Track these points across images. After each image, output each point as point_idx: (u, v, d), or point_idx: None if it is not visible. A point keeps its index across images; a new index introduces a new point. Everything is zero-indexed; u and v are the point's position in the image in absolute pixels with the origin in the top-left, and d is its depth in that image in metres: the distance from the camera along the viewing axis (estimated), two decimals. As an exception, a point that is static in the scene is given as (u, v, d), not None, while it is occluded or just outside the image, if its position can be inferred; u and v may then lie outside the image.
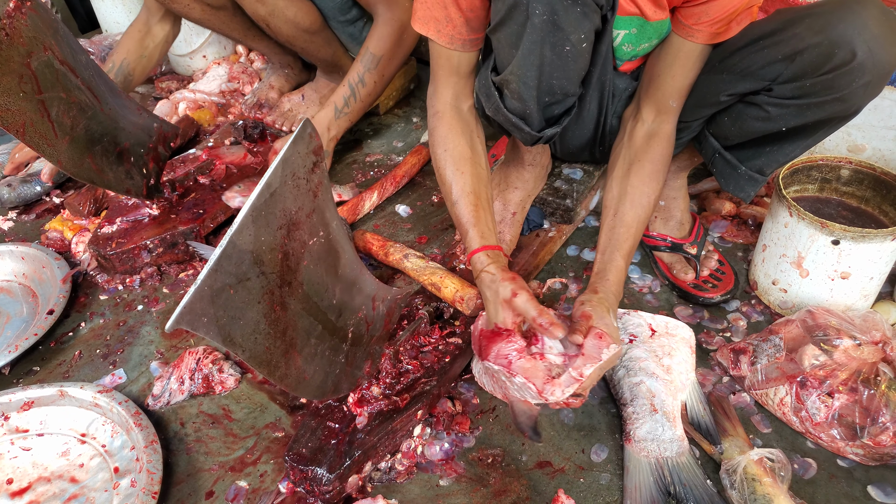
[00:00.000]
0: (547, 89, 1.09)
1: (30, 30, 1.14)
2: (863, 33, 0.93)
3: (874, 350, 1.08)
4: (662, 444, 1.03)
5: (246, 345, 0.79)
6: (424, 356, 1.15)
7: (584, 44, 1.04)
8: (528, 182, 1.44)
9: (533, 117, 1.14)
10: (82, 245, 1.54)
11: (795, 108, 1.04)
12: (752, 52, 1.05)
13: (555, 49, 1.02)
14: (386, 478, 1.06)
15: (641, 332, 1.16)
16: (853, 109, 1.04)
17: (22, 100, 1.13)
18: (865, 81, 0.97)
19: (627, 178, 1.17)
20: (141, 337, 1.35)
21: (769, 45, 1.02)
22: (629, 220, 1.14)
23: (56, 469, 1.09)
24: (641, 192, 1.15)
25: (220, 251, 0.72)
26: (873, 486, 1.02)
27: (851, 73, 0.96)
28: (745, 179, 1.20)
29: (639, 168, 1.16)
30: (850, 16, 0.94)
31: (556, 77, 1.07)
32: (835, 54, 0.95)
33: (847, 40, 0.94)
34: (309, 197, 0.84)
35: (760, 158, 1.17)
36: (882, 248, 1.17)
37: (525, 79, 1.06)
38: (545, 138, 1.19)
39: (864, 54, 0.94)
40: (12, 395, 1.15)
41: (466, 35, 1.12)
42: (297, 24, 1.66)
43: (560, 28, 0.99)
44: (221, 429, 1.16)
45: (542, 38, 1.00)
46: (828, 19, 0.96)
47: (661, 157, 1.17)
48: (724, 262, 1.41)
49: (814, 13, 0.98)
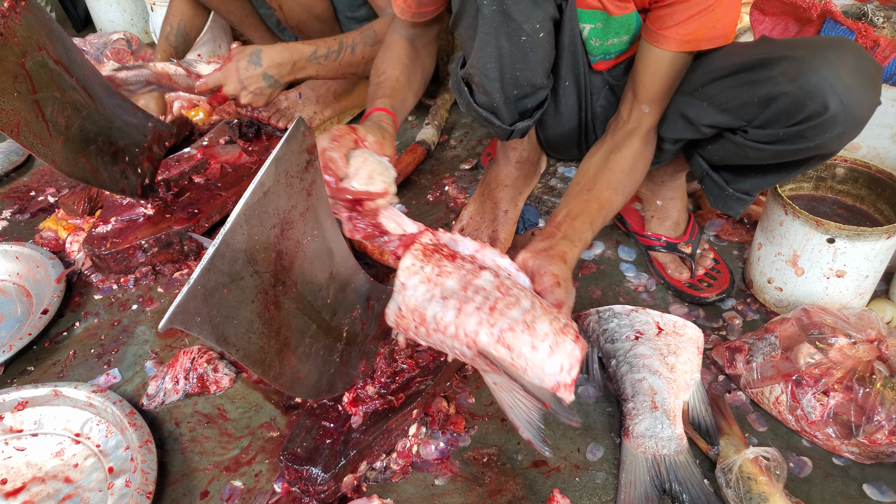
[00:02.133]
0: (511, 81, 1.10)
1: (24, 29, 1.13)
2: (836, 85, 0.91)
3: (869, 348, 1.08)
4: (661, 442, 1.03)
5: (240, 344, 0.79)
6: (419, 355, 1.15)
7: (540, 33, 1.04)
8: (517, 180, 1.43)
9: (501, 111, 1.15)
10: (77, 244, 1.54)
11: (772, 152, 1.03)
12: (730, 87, 1.03)
13: (511, 39, 1.03)
14: (381, 477, 1.06)
15: (648, 330, 1.16)
16: (829, 153, 1.03)
17: (16, 99, 1.12)
18: (838, 132, 0.95)
19: (606, 164, 1.11)
20: (135, 336, 1.35)
21: (746, 83, 1.00)
22: (606, 198, 1.06)
23: (50, 469, 1.09)
24: (619, 181, 1.09)
25: (212, 250, 0.71)
26: (868, 485, 1.02)
27: (824, 125, 0.94)
28: (732, 199, 1.19)
29: (618, 158, 1.11)
30: (824, 66, 0.92)
31: (519, 69, 1.08)
32: (807, 105, 0.93)
33: (819, 92, 0.92)
34: (302, 196, 0.84)
35: (746, 183, 1.16)
36: (877, 246, 1.17)
37: (486, 71, 1.08)
38: (517, 132, 1.20)
39: (836, 107, 0.92)
40: (6, 394, 1.15)
41: (416, 7, 1.14)
42: (309, 9, 1.65)
43: (512, 18, 1.00)
44: (216, 428, 1.16)
45: (496, 29, 1.02)
46: (801, 67, 0.93)
47: (641, 154, 1.14)
48: (720, 261, 1.41)
49: (791, 56, 0.95)
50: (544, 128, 1.35)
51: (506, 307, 0.80)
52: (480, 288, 0.82)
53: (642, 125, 1.14)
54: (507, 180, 1.45)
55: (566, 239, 0.97)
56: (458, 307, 0.80)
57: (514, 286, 0.84)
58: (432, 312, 0.82)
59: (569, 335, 0.80)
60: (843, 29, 1.42)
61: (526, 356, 0.78)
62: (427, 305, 0.82)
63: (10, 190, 1.84)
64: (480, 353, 0.81)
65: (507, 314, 0.79)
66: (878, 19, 1.53)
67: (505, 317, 0.79)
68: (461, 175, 1.80)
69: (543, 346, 0.78)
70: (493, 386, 0.87)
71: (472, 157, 1.86)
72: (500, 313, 0.80)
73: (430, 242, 0.89)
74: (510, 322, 0.79)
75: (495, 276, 0.84)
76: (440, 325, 0.82)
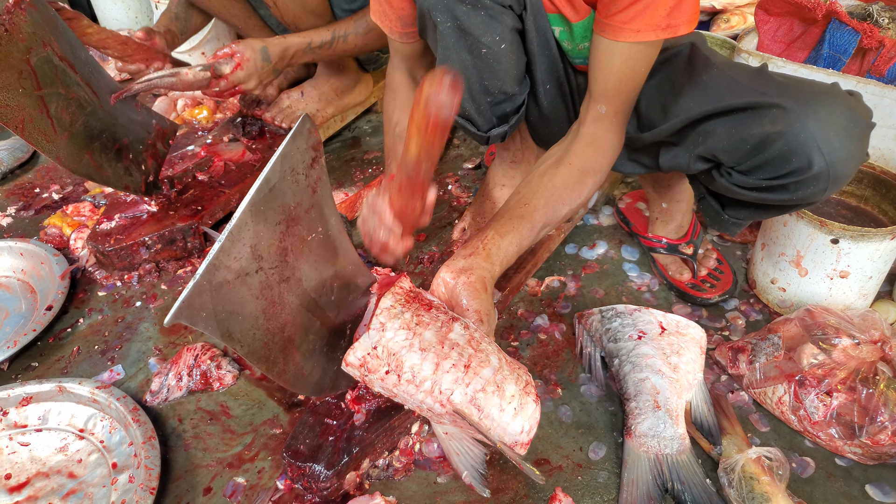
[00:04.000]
0: (481, 90, 1.11)
1: (29, 26, 1.14)
2: (822, 145, 0.90)
3: (873, 349, 1.08)
4: (663, 441, 1.03)
5: (244, 340, 0.79)
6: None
7: (502, 45, 1.04)
8: (514, 179, 1.44)
9: (475, 118, 1.16)
10: (81, 241, 1.54)
11: (755, 198, 1.03)
12: (722, 127, 1.00)
13: (472, 52, 1.04)
14: (384, 475, 1.06)
15: (651, 330, 1.16)
16: (812, 203, 1.02)
17: (21, 96, 1.13)
18: (822, 188, 0.94)
19: (553, 175, 1.07)
20: (139, 333, 1.35)
21: (736, 125, 0.97)
22: (537, 220, 1.04)
23: (54, 464, 1.09)
24: (559, 198, 1.05)
25: (218, 245, 0.71)
26: (871, 486, 1.02)
27: (806, 181, 0.94)
28: (728, 223, 1.18)
29: (565, 171, 1.07)
30: (813, 122, 0.90)
31: (487, 78, 1.09)
32: (792, 161, 0.93)
33: (806, 150, 0.91)
34: (308, 192, 0.84)
35: (739, 212, 1.14)
36: (881, 247, 1.17)
37: None
38: (493, 138, 1.21)
39: (820, 166, 0.91)
40: (11, 390, 1.15)
41: (401, 28, 1.15)
42: (304, 5, 1.65)
43: (468, 32, 1.01)
44: (219, 425, 1.16)
45: (455, 44, 1.03)
46: (791, 120, 0.91)
47: (593, 168, 1.08)
48: (723, 261, 1.41)
49: (780, 105, 0.93)
50: (534, 129, 1.34)
51: (478, 365, 0.85)
52: (455, 343, 0.86)
53: (598, 130, 1.09)
54: (504, 180, 1.45)
55: (488, 259, 0.99)
56: (437, 362, 0.85)
57: (482, 339, 0.89)
58: (410, 363, 0.85)
59: (530, 395, 0.86)
60: (848, 30, 1.42)
61: (493, 417, 0.85)
62: (406, 354, 0.85)
63: (15, 186, 1.85)
64: (451, 412, 0.85)
65: (479, 373, 0.85)
66: (884, 20, 1.53)
67: (478, 376, 0.85)
68: (464, 174, 1.80)
69: (509, 409, 0.85)
70: (444, 435, 0.91)
71: (476, 157, 1.86)
72: (474, 372, 0.85)
73: (409, 288, 0.93)
74: (483, 383, 0.84)
75: (465, 329, 0.89)
76: (416, 378, 0.85)
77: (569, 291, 1.40)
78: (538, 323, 1.32)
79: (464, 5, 1.00)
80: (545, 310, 1.36)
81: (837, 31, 1.45)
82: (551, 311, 1.35)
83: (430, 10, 1.01)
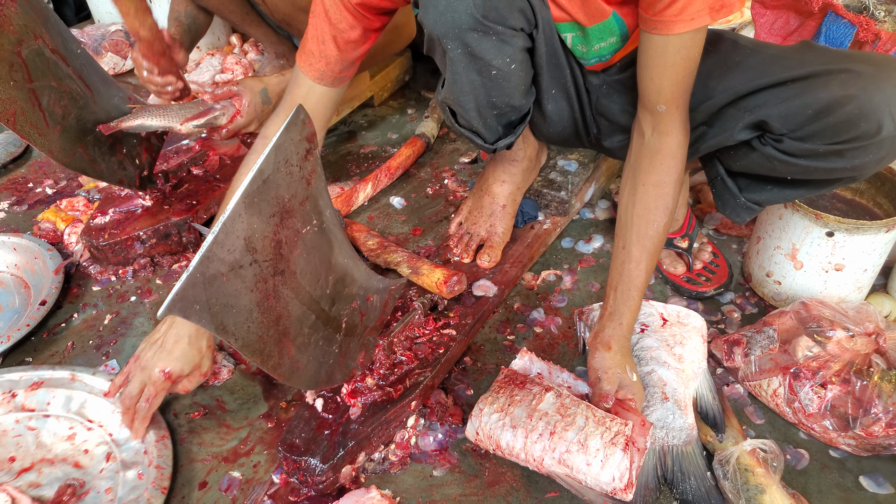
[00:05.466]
0: (488, 106, 1.10)
1: (20, 17, 1.13)
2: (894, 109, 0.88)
3: (867, 341, 1.08)
4: (671, 432, 1.03)
5: (239, 333, 0.79)
6: (418, 347, 1.15)
7: (512, 65, 1.03)
8: (515, 175, 1.43)
9: (482, 132, 1.16)
10: (75, 236, 1.53)
11: (802, 168, 1.01)
12: (777, 98, 0.97)
13: (482, 74, 1.03)
14: (380, 468, 1.06)
15: (653, 322, 1.16)
16: (859, 177, 1.01)
17: (12, 88, 1.11)
18: (880, 157, 0.93)
19: (633, 204, 1.08)
20: (134, 328, 1.35)
21: (797, 94, 0.95)
22: (636, 255, 1.06)
23: (60, 452, 1.08)
24: (647, 222, 1.06)
25: (211, 238, 0.71)
26: (865, 477, 1.02)
27: (869, 147, 0.92)
28: (742, 208, 1.17)
29: (643, 193, 1.07)
30: (889, 86, 0.88)
31: (495, 96, 1.08)
32: (860, 125, 0.90)
33: (878, 113, 0.89)
34: (302, 184, 0.84)
35: (761, 194, 1.14)
36: (876, 239, 1.17)
37: (461, 102, 1.08)
38: (500, 148, 1.20)
39: (889, 132, 0.89)
40: (23, 373, 1.14)
41: (338, 72, 1.12)
42: (294, 2, 1.64)
43: (479, 57, 1.00)
44: (215, 420, 1.16)
45: (465, 68, 1.02)
46: (865, 84, 0.89)
47: (667, 176, 1.06)
48: (719, 255, 1.41)
49: (852, 70, 0.91)
50: (537, 128, 1.34)
51: (563, 429, 0.95)
52: (544, 413, 0.98)
53: (666, 141, 1.05)
54: (504, 176, 1.44)
55: (612, 317, 1.07)
56: (525, 435, 0.97)
57: (573, 404, 0.99)
58: (505, 441, 0.98)
59: (618, 446, 0.92)
60: (844, 23, 1.42)
61: (583, 471, 0.93)
62: (500, 433, 0.98)
63: (8, 181, 1.84)
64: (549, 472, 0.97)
65: (564, 437, 0.95)
66: (880, 13, 1.53)
67: (563, 440, 0.94)
68: (461, 169, 1.80)
69: (595, 462, 0.92)
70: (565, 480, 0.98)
71: (472, 151, 1.86)
72: (559, 437, 0.95)
73: (504, 375, 1.06)
74: (567, 445, 0.94)
75: (557, 397, 1.00)
76: (512, 452, 0.98)
77: (565, 285, 1.40)
78: (534, 317, 1.32)
79: (475, 32, 0.97)
80: (541, 303, 1.36)
81: (834, 23, 1.45)
82: (547, 305, 1.35)
83: (441, 37, 0.98)
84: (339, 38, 1.08)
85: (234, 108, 1.33)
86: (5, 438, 1.10)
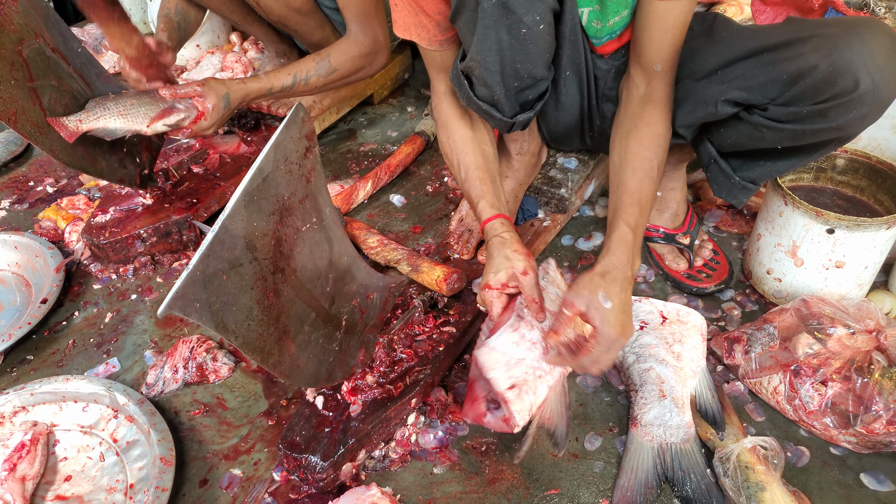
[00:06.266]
0: (512, 73, 1.09)
1: (21, 17, 1.13)
2: (869, 64, 0.89)
3: (868, 339, 1.08)
4: (669, 430, 1.03)
5: (239, 331, 0.79)
6: (418, 345, 1.15)
7: (540, 25, 1.04)
8: (517, 171, 1.43)
9: (502, 103, 1.15)
10: (75, 234, 1.53)
11: (790, 132, 1.02)
12: (754, 67, 1.00)
13: (511, 32, 1.03)
14: (380, 466, 1.06)
15: (652, 320, 1.16)
16: (847, 136, 1.02)
17: (14, 87, 1.12)
18: (863, 113, 0.94)
19: (626, 145, 1.09)
20: (135, 326, 1.35)
21: (773, 62, 0.98)
22: (632, 187, 1.05)
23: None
24: (642, 158, 1.07)
25: (212, 236, 0.71)
26: (866, 474, 1.02)
27: (850, 103, 0.93)
28: (738, 188, 1.18)
29: (637, 134, 1.09)
30: (858, 43, 0.90)
31: (520, 61, 1.07)
32: (837, 82, 0.92)
33: (852, 69, 0.90)
34: (302, 182, 0.84)
35: (754, 171, 1.15)
36: (876, 237, 1.17)
37: (486, 63, 1.07)
38: (518, 124, 1.20)
39: (867, 86, 0.90)
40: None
41: (441, 36, 1.13)
42: (287, 3, 1.64)
43: (512, 11, 1.00)
44: (215, 417, 1.16)
45: (496, 22, 1.01)
46: (835, 43, 0.91)
47: (660, 122, 1.10)
48: (719, 252, 1.41)
49: (822, 34, 0.93)
50: (546, 119, 1.34)
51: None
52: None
53: (656, 90, 1.11)
54: (506, 172, 1.44)
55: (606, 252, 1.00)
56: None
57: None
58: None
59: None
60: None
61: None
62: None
63: (9, 180, 1.84)
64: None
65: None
66: (880, 9, 1.53)
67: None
68: (461, 166, 1.79)
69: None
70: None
71: (472, 148, 1.85)
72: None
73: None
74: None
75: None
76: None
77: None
78: (534, 314, 1.32)
79: None
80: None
81: (834, 20, 1.45)
82: (547, 303, 1.35)
83: None
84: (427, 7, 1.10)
85: (198, 110, 1.32)
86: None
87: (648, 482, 0.99)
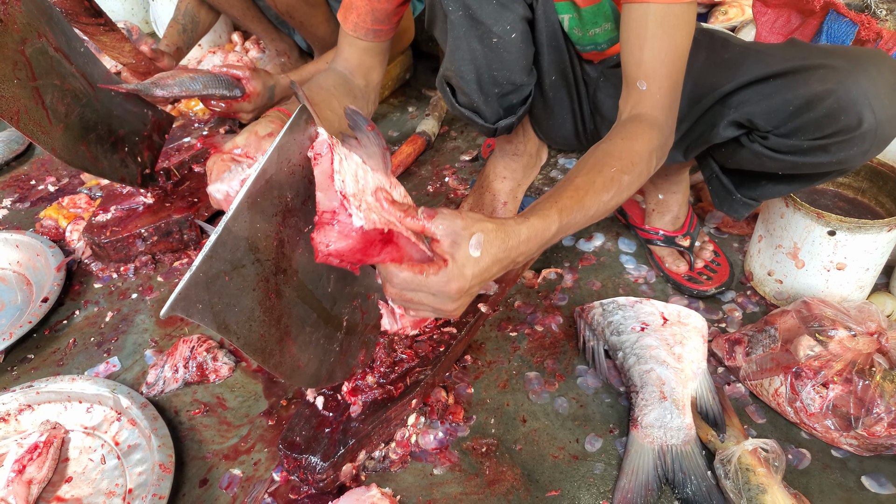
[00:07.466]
0: (490, 80, 1.09)
1: (24, 16, 1.13)
2: (874, 102, 0.88)
3: (869, 341, 1.08)
4: (669, 432, 1.03)
5: (240, 332, 0.79)
6: (419, 346, 1.15)
7: (512, 34, 1.03)
8: (516, 172, 1.43)
9: (483, 110, 1.15)
10: (77, 233, 1.54)
11: (790, 163, 1.01)
12: (758, 95, 0.98)
13: (482, 42, 1.02)
14: (380, 466, 1.06)
15: (653, 321, 1.16)
16: (847, 169, 1.01)
17: (16, 87, 1.12)
18: (864, 150, 0.93)
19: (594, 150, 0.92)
20: (135, 325, 1.35)
21: (777, 91, 0.96)
22: (578, 182, 0.86)
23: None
24: (605, 164, 0.88)
25: (215, 237, 0.71)
26: (867, 477, 1.02)
27: (852, 140, 0.92)
28: (739, 204, 1.17)
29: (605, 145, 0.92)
30: (864, 79, 0.89)
31: (496, 68, 1.07)
32: (840, 119, 0.91)
33: (857, 107, 0.89)
34: (304, 184, 0.84)
35: (756, 190, 1.14)
36: (878, 238, 1.17)
37: (461, 73, 1.07)
38: (500, 130, 1.20)
39: (870, 124, 0.89)
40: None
41: (370, 24, 1.12)
42: None
43: (480, 22, 1.00)
44: (215, 417, 1.16)
45: (466, 33, 1.01)
46: (842, 77, 0.90)
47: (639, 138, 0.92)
48: (720, 253, 1.41)
49: (828, 65, 0.92)
50: (538, 121, 1.34)
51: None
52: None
53: (639, 109, 0.96)
54: (505, 172, 1.44)
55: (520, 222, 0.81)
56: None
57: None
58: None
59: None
60: (846, 21, 1.41)
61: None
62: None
63: (11, 178, 1.84)
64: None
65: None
66: (882, 12, 1.52)
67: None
68: (461, 166, 1.80)
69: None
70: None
71: (473, 149, 1.86)
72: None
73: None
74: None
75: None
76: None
77: (565, 283, 1.40)
78: (535, 315, 1.32)
79: None
80: (542, 302, 1.36)
81: (835, 22, 1.45)
82: (548, 304, 1.35)
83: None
84: None
85: (245, 92, 1.34)
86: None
87: (649, 484, 0.99)
